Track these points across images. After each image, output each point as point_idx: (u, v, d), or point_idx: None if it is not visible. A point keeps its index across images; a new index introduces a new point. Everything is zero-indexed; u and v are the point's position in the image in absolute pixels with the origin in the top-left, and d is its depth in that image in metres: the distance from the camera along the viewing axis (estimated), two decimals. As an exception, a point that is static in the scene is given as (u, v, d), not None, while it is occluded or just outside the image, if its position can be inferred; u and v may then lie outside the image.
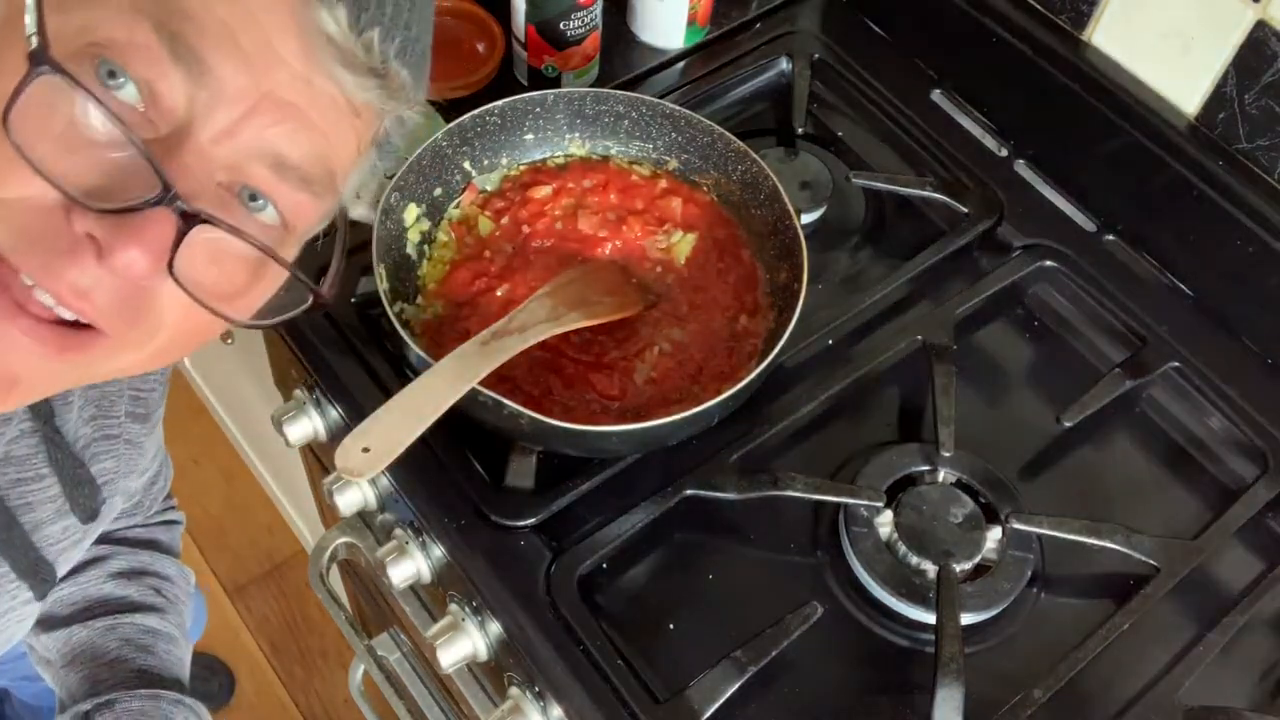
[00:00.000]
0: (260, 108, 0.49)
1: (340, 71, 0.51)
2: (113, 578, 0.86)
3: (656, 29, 1.08)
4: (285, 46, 0.49)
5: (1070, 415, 0.87)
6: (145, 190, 0.47)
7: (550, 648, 0.75)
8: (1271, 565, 0.84)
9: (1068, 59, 0.97)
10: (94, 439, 0.73)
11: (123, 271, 0.47)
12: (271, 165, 0.51)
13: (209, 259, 0.51)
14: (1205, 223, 0.93)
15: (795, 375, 0.88)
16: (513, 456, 0.81)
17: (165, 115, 0.49)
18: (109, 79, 0.48)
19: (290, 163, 0.51)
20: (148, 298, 0.50)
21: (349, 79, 0.51)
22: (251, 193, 0.52)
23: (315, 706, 1.81)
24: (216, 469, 2.01)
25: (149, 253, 0.47)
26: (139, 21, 0.47)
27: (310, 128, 0.51)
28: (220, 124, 0.49)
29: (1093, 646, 0.77)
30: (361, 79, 0.51)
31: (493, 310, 0.83)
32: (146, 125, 0.49)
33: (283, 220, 0.54)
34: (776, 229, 0.88)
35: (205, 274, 0.51)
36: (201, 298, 0.51)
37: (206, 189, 0.50)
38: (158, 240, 0.47)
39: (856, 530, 0.81)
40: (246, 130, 0.50)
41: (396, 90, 0.53)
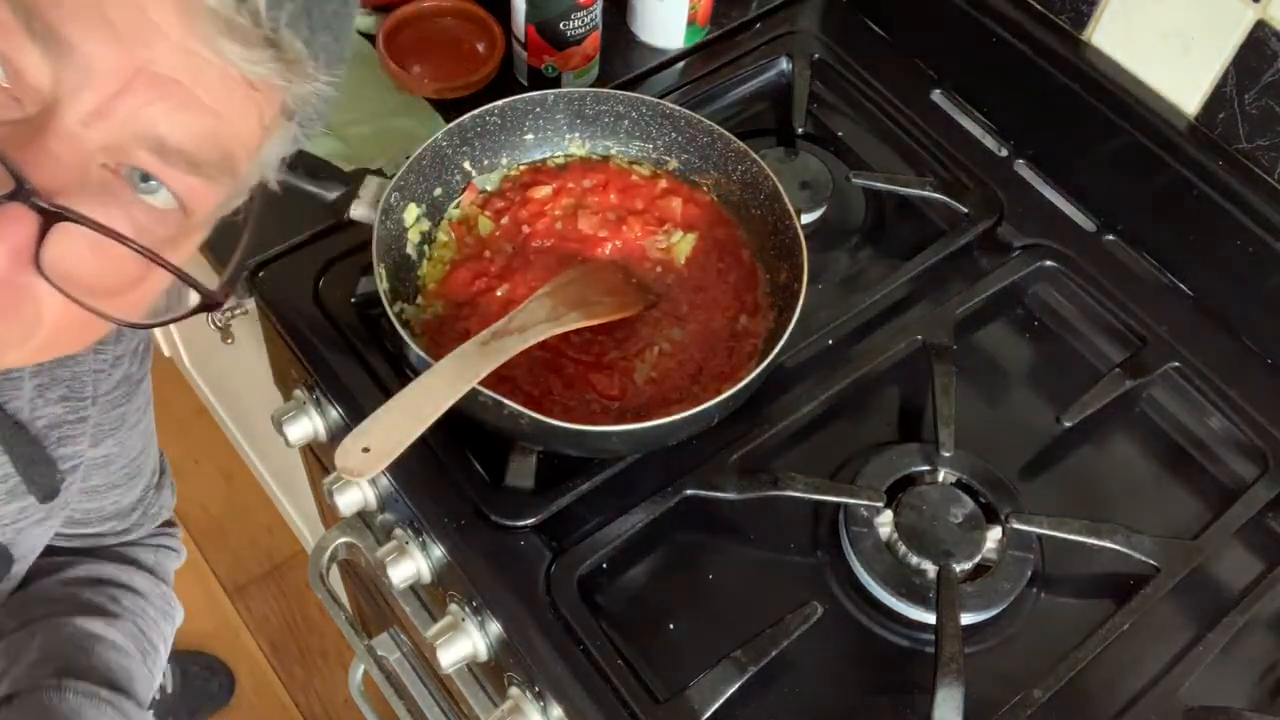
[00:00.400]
0: (134, 85, 0.45)
1: (225, 43, 0.45)
2: (64, 584, 0.81)
3: (656, 29, 1.08)
4: (162, 16, 0.44)
5: (1070, 415, 0.87)
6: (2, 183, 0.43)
7: (550, 648, 0.75)
8: (1271, 565, 0.84)
9: (1068, 59, 0.97)
10: (65, 419, 0.70)
11: None
12: (153, 148, 0.47)
13: (88, 252, 0.47)
14: (1205, 223, 0.93)
15: (795, 375, 0.88)
16: (513, 456, 0.81)
17: (30, 94, 0.45)
18: None
19: (172, 144, 0.47)
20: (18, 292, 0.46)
21: (236, 51, 0.46)
22: (142, 174, 0.48)
23: (315, 706, 1.81)
24: (216, 469, 2.01)
25: (6, 251, 0.44)
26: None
27: (194, 105, 0.47)
28: (89, 104, 0.45)
29: (1093, 646, 0.77)
30: (251, 51, 0.46)
31: (493, 310, 0.83)
32: (11, 104, 0.45)
33: (180, 204, 0.49)
34: (776, 229, 0.88)
35: (84, 268, 0.47)
36: (79, 296, 0.47)
37: (79, 176, 0.46)
38: (15, 237, 0.43)
39: (856, 530, 0.81)
40: (120, 110, 0.45)
41: (294, 63, 0.48)
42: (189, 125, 0.47)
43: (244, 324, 1.09)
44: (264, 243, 0.92)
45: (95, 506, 0.80)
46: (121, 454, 0.78)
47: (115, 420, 0.75)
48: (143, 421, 0.80)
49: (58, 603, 0.80)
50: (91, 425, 0.72)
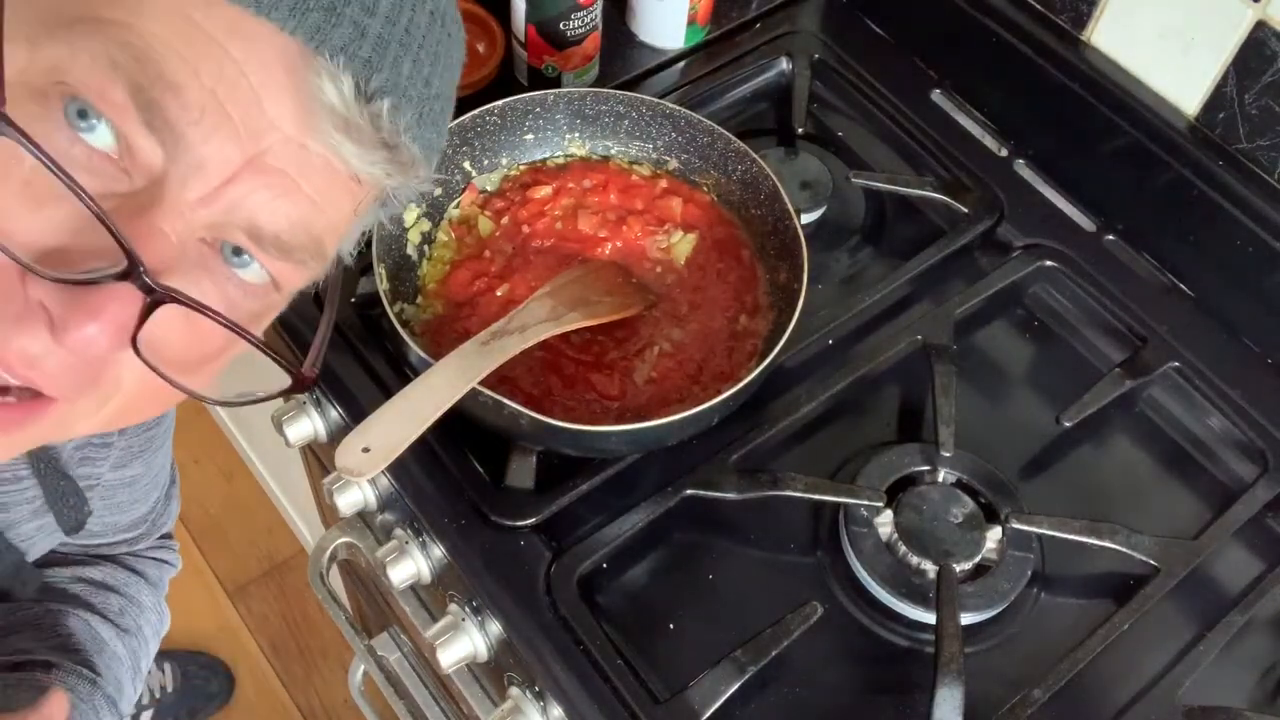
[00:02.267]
0: (243, 174, 0.45)
1: (342, 142, 0.46)
2: (81, 581, 0.82)
3: (656, 29, 1.08)
4: (278, 112, 0.44)
5: (1070, 415, 0.87)
6: (109, 259, 0.42)
7: (550, 648, 0.75)
8: (1271, 565, 0.83)
9: (1068, 59, 0.97)
10: (89, 442, 0.71)
11: (78, 350, 0.43)
12: (249, 232, 0.47)
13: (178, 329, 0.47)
14: (1205, 223, 0.93)
15: (795, 375, 0.88)
16: (513, 456, 0.81)
17: (140, 169, 0.44)
18: (79, 119, 0.43)
19: (268, 231, 0.47)
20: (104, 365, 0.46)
21: (350, 150, 0.46)
22: (235, 247, 0.47)
23: (315, 706, 1.81)
24: (216, 469, 2.01)
25: (107, 332, 0.43)
26: (114, 81, 0.42)
27: (296, 195, 0.47)
28: (199, 191, 0.45)
29: (1093, 646, 0.77)
30: (366, 152, 0.46)
31: (493, 310, 0.83)
32: (120, 176, 0.44)
33: (271, 280, 0.49)
34: (776, 229, 0.88)
35: (172, 344, 0.47)
36: (165, 371, 0.46)
37: (181, 253, 0.46)
38: (118, 318, 0.43)
39: (856, 530, 0.81)
40: (226, 196, 0.45)
41: (407, 165, 0.48)
42: (288, 214, 0.47)
43: (244, 324, 1.09)
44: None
45: (114, 520, 0.80)
46: (147, 472, 0.79)
47: (144, 443, 0.76)
48: (168, 440, 0.81)
49: (73, 598, 0.80)
50: (118, 450, 0.73)
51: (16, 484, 0.67)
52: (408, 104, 0.47)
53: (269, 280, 0.49)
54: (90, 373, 0.45)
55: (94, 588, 0.82)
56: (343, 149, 0.46)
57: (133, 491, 0.79)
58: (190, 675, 1.77)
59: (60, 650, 0.75)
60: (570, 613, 0.76)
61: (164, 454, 0.81)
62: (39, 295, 0.43)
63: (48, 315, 0.43)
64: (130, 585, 0.85)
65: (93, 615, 0.79)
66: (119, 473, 0.75)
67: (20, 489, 0.67)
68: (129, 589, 0.84)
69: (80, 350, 0.43)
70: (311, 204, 0.47)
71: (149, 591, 0.87)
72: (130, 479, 0.77)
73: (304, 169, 0.46)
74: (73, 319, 0.42)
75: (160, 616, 0.88)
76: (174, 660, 1.77)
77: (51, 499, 0.69)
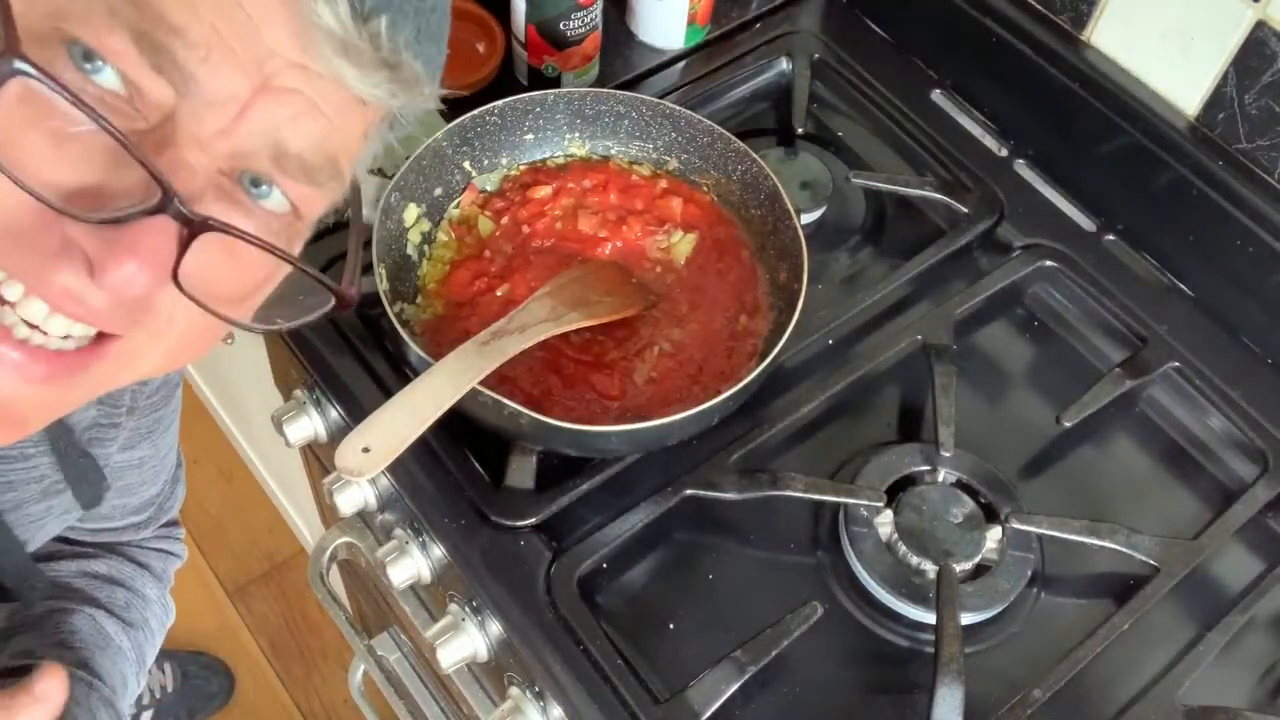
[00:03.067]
0: (257, 101, 0.45)
1: (342, 65, 0.45)
2: (87, 575, 0.81)
3: (656, 29, 1.08)
4: (276, 38, 0.44)
5: (1070, 415, 0.87)
6: (141, 194, 0.42)
7: (550, 648, 0.75)
8: (1271, 565, 0.84)
9: (1068, 59, 0.97)
10: (98, 422, 0.70)
11: (119, 288, 0.43)
12: (273, 155, 0.47)
13: (220, 261, 0.46)
14: (1205, 223, 0.93)
15: (795, 375, 0.88)
16: (513, 456, 0.81)
17: (153, 107, 0.44)
18: (85, 62, 0.43)
19: (292, 151, 0.47)
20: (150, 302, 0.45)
21: (352, 73, 0.46)
22: (254, 177, 0.47)
23: (315, 706, 1.81)
24: (216, 469, 2.01)
25: (146, 268, 0.42)
26: (112, 29, 0.42)
27: (314, 113, 0.47)
28: (215, 124, 0.45)
29: (1093, 646, 0.77)
30: (367, 73, 0.46)
31: (493, 310, 0.83)
32: (133, 115, 0.44)
33: (293, 208, 0.50)
34: (776, 229, 0.88)
35: (215, 278, 0.47)
36: (211, 305, 0.46)
37: (207, 183, 0.46)
38: (156, 254, 0.43)
39: (856, 530, 0.81)
40: (244, 125, 0.45)
41: (410, 82, 0.48)
42: (308, 133, 0.47)
43: (244, 324, 1.09)
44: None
45: (123, 503, 0.80)
46: (155, 454, 0.79)
47: (152, 424, 0.76)
48: (175, 422, 0.81)
49: (78, 592, 0.80)
50: (126, 431, 0.73)
51: (25, 462, 0.66)
52: (404, 20, 0.47)
53: (290, 208, 0.49)
54: (137, 311, 0.45)
55: (99, 582, 0.82)
56: (344, 72, 0.46)
57: (141, 473, 0.79)
58: (190, 675, 1.77)
59: (60, 648, 0.75)
60: (570, 613, 0.76)
61: (171, 436, 0.81)
62: (74, 236, 0.43)
63: (85, 257, 0.43)
64: (135, 579, 0.84)
65: (98, 610, 0.79)
66: (128, 454, 0.75)
67: (29, 467, 0.67)
68: (134, 583, 0.84)
69: (122, 289, 0.43)
70: (329, 123, 0.48)
71: (154, 585, 0.86)
72: (139, 460, 0.77)
73: (315, 89, 0.46)
74: (111, 259, 0.42)
75: (165, 609, 0.88)
76: (174, 660, 1.77)
77: (71, 476, 0.68)
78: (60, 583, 0.80)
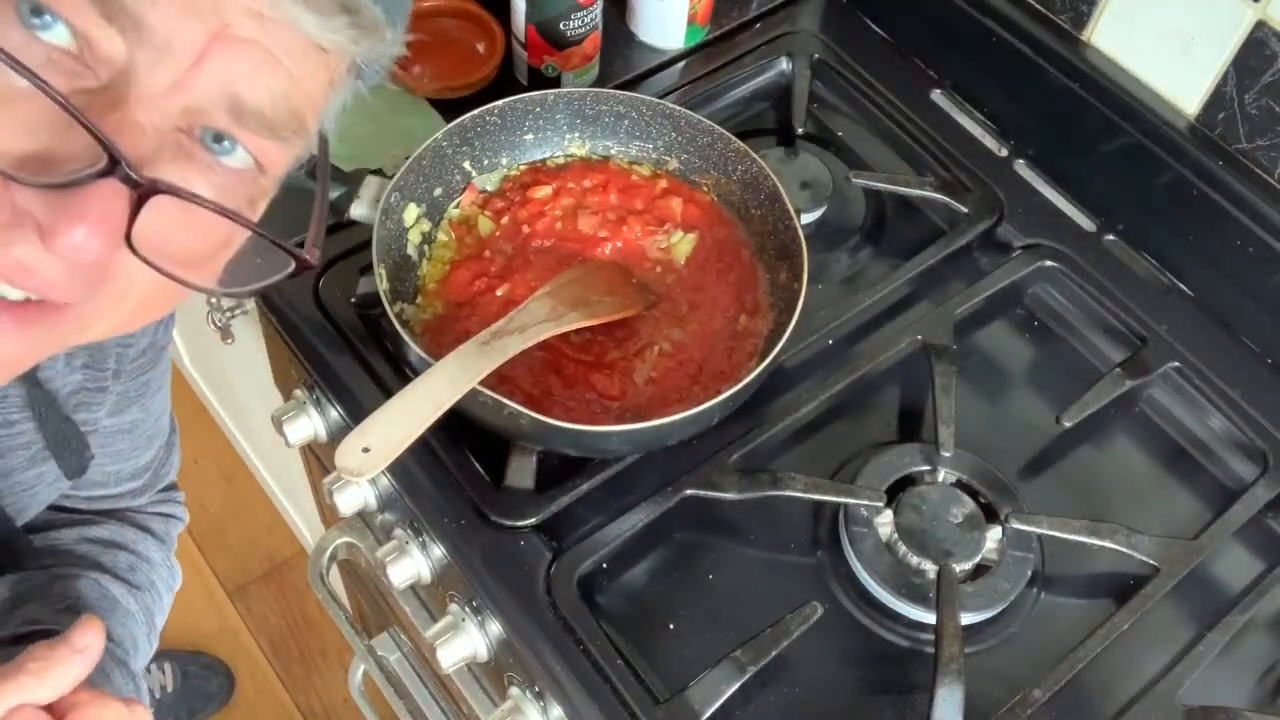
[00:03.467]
0: (211, 51, 0.43)
1: (299, 11, 0.44)
2: (89, 541, 0.80)
3: (656, 29, 1.08)
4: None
5: (1070, 415, 0.87)
6: (89, 158, 0.41)
7: (550, 648, 0.75)
8: (1271, 565, 0.84)
9: (1068, 59, 0.97)
10: (84, 386, 0.69)
11: (69, 254, 0.42)
12: (231, 110, 0.45)
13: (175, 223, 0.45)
14: (1205, 223, 0.93)
15: (795, 375, 0.88)
16: (513, 456, 0.81)
17: (103, 63, 0.43)
18: (33, 17, 0.41)
19: (250, 106, 0.45)
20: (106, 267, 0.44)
21: (310, 19, 0.44)
22: (215, 134, 0.46)
23: (315, 706, 1.81)
24: (216, 469, 2.01)
25: (97, 233, 0.41)
26: None
27: (272, 66, 0.45)
28: (169, 76, 0.43)
29: (1093, 646, 0.77)
30: (326, 19, 0.45)
31: (493, 310, 0.83)
32: (83, 72, 0.43)
33: (256, 163, 0.48)
34: (776, 229, 0.88)
35: (172, 240, 0.45)
36: (170, 268, 0.45)
37: (161, 142, 0.44)
38: (107, 218, 0.41)
39: (856, 530, 0.81)
40: (200, 77, 0.44)
41: (370, 28, 0.46)
42: (266, 86, 0.45)
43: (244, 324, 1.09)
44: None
45: (116, 469, 0.79)
46: (146, 418, 0.77)
47: (140, 387, 0.74)
48: (165, 385, 0.79)
49: (81, 559, 0.79)
50: (114, 395, 0.72)
51: (9, 429, 0.65)
52: None
53: (253, 164, 0.48)
54: (92, 276, 0.44)
55: (101, 546, 0.80)
56: (301, 18, 0.44)
57: (133, 439, 0.77)
58: (190, 675, 1.77)
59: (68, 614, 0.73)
60: (570, 613, 0.76)
61: (161, 399, 0.79)
62: (25, 203, 0.42)
63: (36, 223, 0.42)
64: (138, 542, 0.83)
65: (103, 574, 0.78)
66: (117, 419, 0.74)
67: (14, 434, 0.65)
68: (137, 545, 0.83)
69: (72, 255, 0.42)
70: (289, 75, 0.46)
71: (157, 547, 0.85)
72: (129, 425, 0.76)
73: (273, 40, 0.45)
74: (61, 224, 0.41)
75: (170, 571, 0.86)
76: (174, 660, 1.77)
77: (53, 443, 0.67)
78: (62, 549, 0.79)
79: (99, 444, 0.73)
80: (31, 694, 0.54)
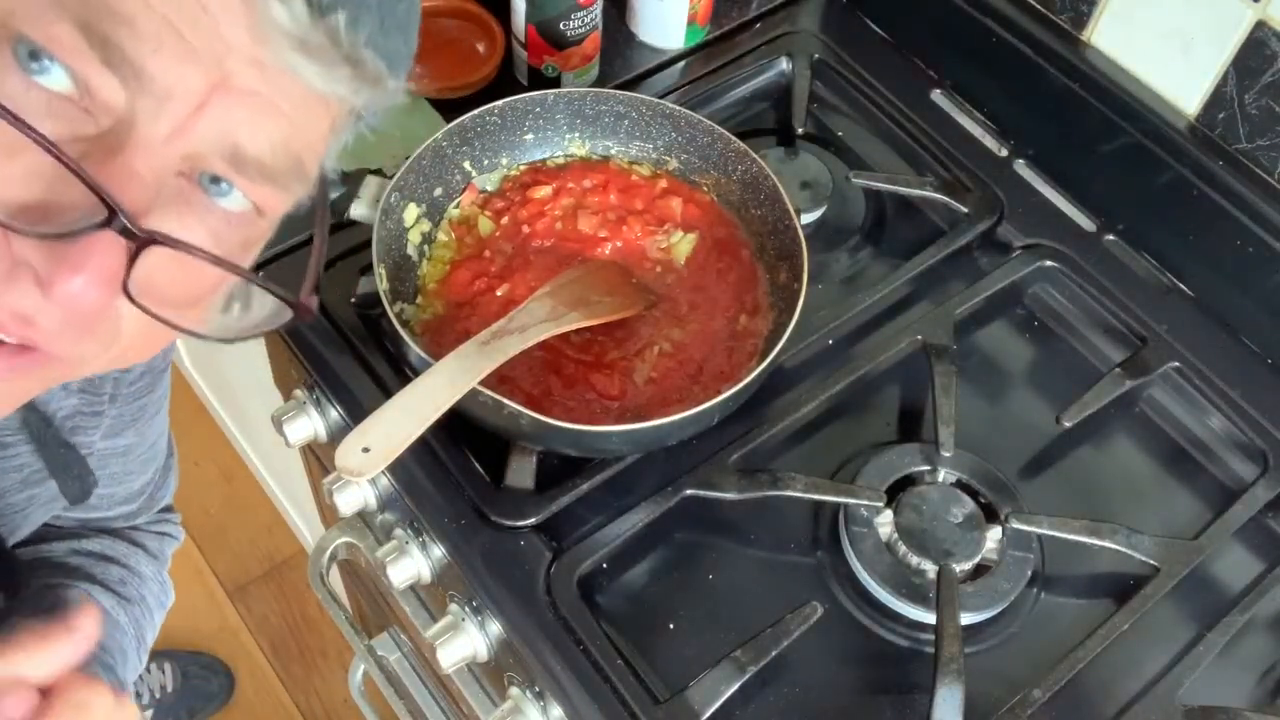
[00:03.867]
0: (212, 100, 0.43)
1: (300, 61, 0.43)
2: (79, 554, 0.79)
3: (656, 29, 1.08)
4: (234, 35, 0.43)
5: (1070, 415, 0.87)
6: (87, 208, 0.41)
7: (550, 648, 0.75)
8: (1271, 565, 0.84)
9: (1068, 59, 0.97)
10: (79, 410, 0.69)
11: (68, 305, 0.42)
12: (229, 157, 0.45)
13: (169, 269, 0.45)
14: (1205, 223, 0.93)
15: (795, 375, 0.88)
16: (513, 456, 0.81)
17: (104, 109, 0.43)
18: (31, 62, 0.41)
19: (250, 154, 0.45)
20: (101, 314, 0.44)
21: (312, 70, 0.44)
22: (213, 176, 0.46)
23: (315, 706, 1.81)
24: (216, 469, 2.01)
25: (95, 283, 0.42)
26: (59, 20, 0.41)
27: (272, 113, 0.45)
28: (169, 125, 0.43)
29: (1093, 646, 0.77)
30: (328, 70, 0.44)
31: (493, 310, 0.83)
32: (82, 117, 0.43)
33: (254, 207, 0.48)
34: (776, 229, 0.88)
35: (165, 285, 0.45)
36: (162, 313, 0.45)
37: (159, 189, 0.44)
38: (104, 268, 0.42)
39: (856, 530, 0.81)
40: (200, 125, 0.44)
41: (372, 79, 0.46)
42: (268, 134, 0.45)
43: (244, 324, 1.09)
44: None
45: (109, 492, 0.78)
46: (141, 442, 0.77)
47: (136, 411, 0.74)
48: (162, 409, 0.79)
49: (72, 570, 0.78)
50: (109, 419, 0.72)
51: (3, 450, 0.65)
52: (366, 13, 0.44)
53: (251, 207, 0.48)
54: (87, 324, 0.44)
55: (92, 559, 0.80)
56: (303, 69, 0.44)
57: (127, 462, 0.77)
58: (190, 675, 1.77)
59: None
60: (570, 613, 0.76)
61: (158, 423, 0.79)
62: (24, 253, 0.42)
63: (34, 273, 0.42)
64: (130, 556, 0.83)
65: (93, 585, 0.77)
66: (112, 442, 0.73)
67: (7, 456, 0.65)
68: (129, 560, 0.82)
69: (70, 304, 0.42)
70: (290, 123, 0.46)
71: (149, 562, 0.84)
72: (125, 449, 0.75)
73: (274, 89, 0.44)
74: (58, 274, 0.41)
75: (163, 587, 0.86)
76: (174, 660, 1.77)
77: (54, 468, 0.67)
78: (53, 562, 0.78)
79: (95, 467, 0.73)
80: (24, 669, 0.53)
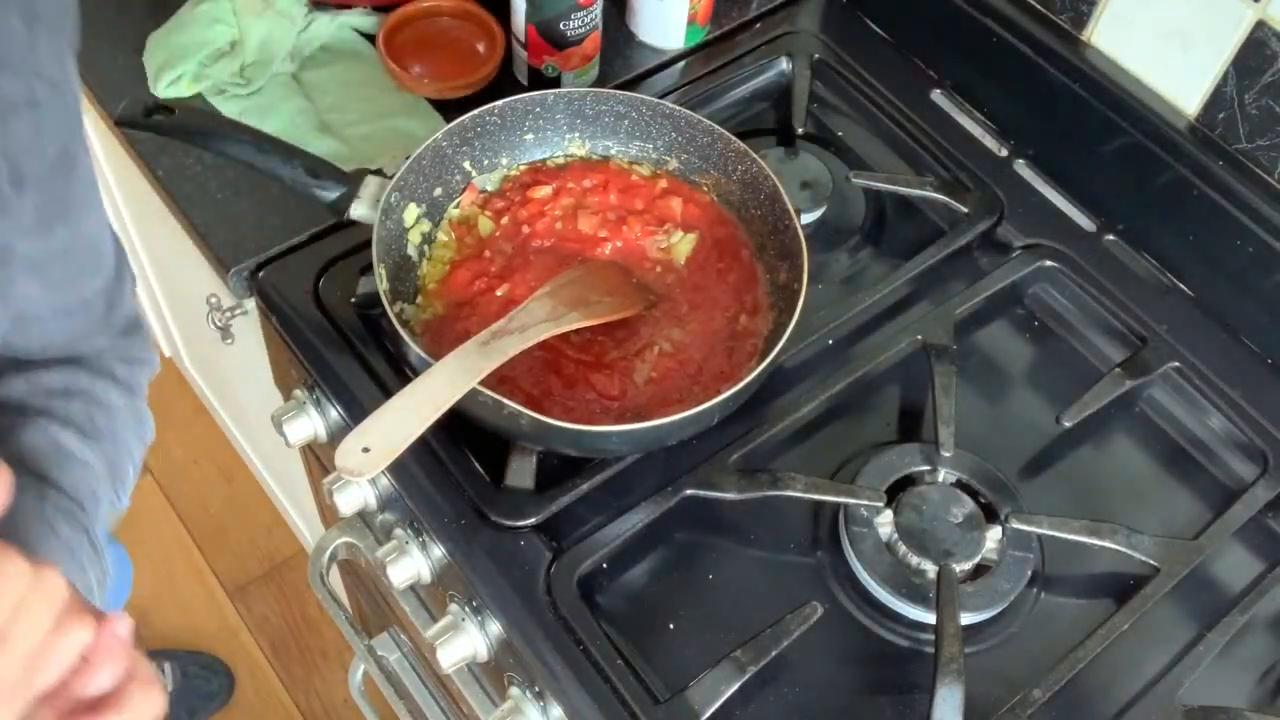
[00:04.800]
0: None
1: None
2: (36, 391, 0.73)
3: (656, 29, 1.08)
4: None
5: (1070, 415, 0.87)
6: None
7: (550, 648, 0.75)
8: (1271, 565, 0.84)
9: (1068, 59, 0.97)
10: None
11: None
12: None
13: None
14: (1205, 223, 0.93)
15: (795, 375, 0.88)
16: (513, 456, 0.81)
17: None
18: None
19: None
20: None
21: None
22: None
23: (315, 706, 1.81)
24: (216, 469, 2.01)
25: None
26: None
27: None
28: None
29: (1093, 646, 0.77)
30: None
31: (493, 310, 0.83)
32: None
33: None
34: (776, 229, 0.88)
35: None
36: None
37: None
38: None
39: (856, 530, 0.81)
40: None
41: None
42: None
43: (244, 324, 1.09)
44: (264, 242, 0.92)
45: (60, 299, 0.73)
46: (76, 239, 0.71)
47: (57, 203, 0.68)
48: (91, 198, 0.72)
49: (28, 410, 0.73)
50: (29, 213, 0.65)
51: None
52: None
53: None
54: None
55: (52, 396, 0.74)
56: None
57: (68, 264, 0.71)
58: (190, 675, 1.77)
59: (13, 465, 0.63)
60: (570, 613, 0.76)
61: (95, 220, 0.73)
62: None
63: None
64: (95, 387, 0.76)
65: (52, 423, 0.72)
66: (44, 243, 0.68)
67: None
68: (94, 391, 0.76)
69: None
70: None
71: (120, 393, 0.78)
72: (61, 249, 0.70)
73: None
74: None
75: (139, 420, 0.79)
76: (174, 660, 1.77)
77: None
78: (9, 402, 0.73)
79: (28, 271, 0.67)
80: None
